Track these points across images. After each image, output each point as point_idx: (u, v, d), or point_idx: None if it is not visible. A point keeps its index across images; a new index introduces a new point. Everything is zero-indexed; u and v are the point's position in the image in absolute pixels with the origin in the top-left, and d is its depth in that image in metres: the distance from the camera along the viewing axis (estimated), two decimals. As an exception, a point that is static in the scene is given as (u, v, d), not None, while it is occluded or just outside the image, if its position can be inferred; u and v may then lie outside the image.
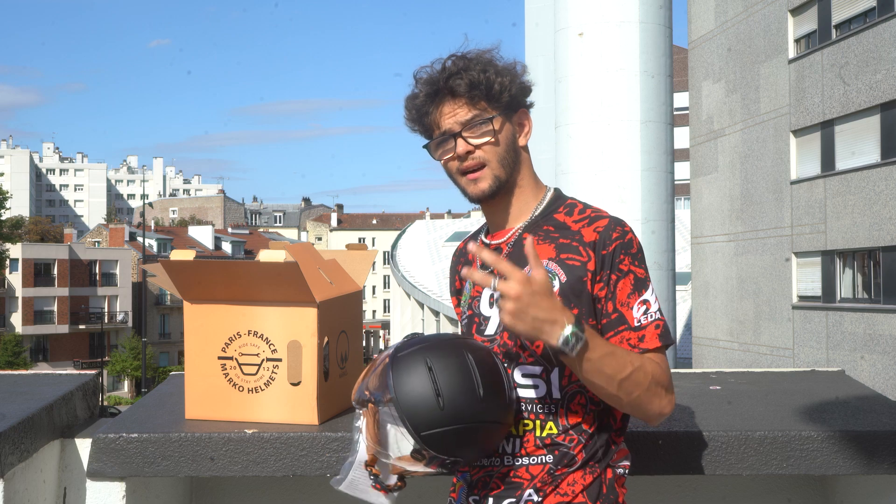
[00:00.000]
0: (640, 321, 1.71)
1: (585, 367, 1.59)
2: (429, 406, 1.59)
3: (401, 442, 1.63)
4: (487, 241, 1.88)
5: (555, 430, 1.73)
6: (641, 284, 1.73)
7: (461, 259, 1.98)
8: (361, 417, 1.71)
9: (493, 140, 1.77)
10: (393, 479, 1.70)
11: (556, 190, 1.88)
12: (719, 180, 21.81)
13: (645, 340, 1.70)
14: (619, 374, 1.61)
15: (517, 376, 1.75)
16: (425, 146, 1.83)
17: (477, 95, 1.76)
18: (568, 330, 1.54)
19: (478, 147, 1.77)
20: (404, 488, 1.72)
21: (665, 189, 8.56)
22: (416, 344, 1.67)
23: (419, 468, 1.65)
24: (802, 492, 2.52)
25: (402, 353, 1.65)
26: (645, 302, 1.72)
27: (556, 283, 1.72)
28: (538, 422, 1.73)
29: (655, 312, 1.72)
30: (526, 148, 1.86)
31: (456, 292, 1.99)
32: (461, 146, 1.77)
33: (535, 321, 1.53)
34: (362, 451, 1.71)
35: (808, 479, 2.51)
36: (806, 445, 2.08)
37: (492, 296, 1.50)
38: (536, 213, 1.83)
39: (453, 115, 1.77)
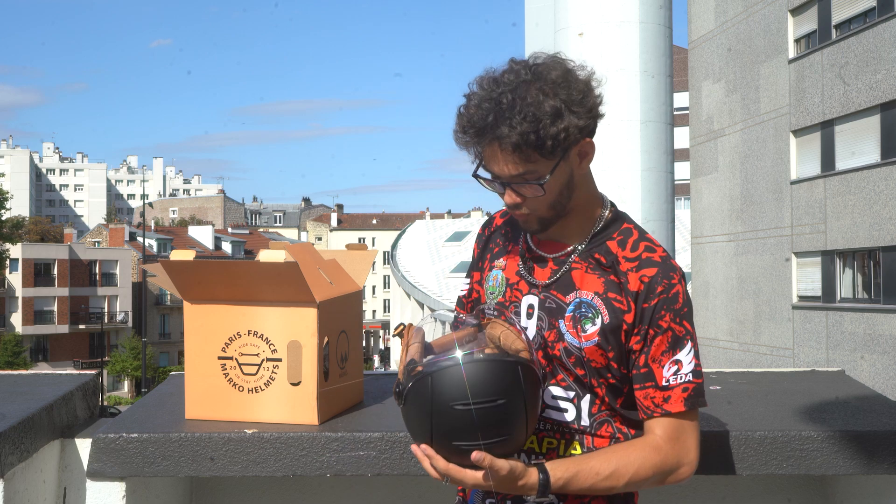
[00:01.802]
0: (668, 381, 1.66)
1: (574, 494, 1.65)
2: (452, 397, 1.53)
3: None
4: (533, 245, 1.79)
5: (578, 451, 1.70)
6: (678, 343, 1.66)
7: (499, 235, 1.88)
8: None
9: (541, 193, 1.65)
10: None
11: (614, 209, 1.77)
12: (719, 180, 21.80)
13: (669, 402, 1.66)
14: (612, 489, 1.65)
15: (547, 397, 1.71)
16: (474, 175, 1.69)
17: (527, 152, 1.59)
18: (531, 499, 1.61)
19: (526, 199, 1.67)
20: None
21: (665, 189, 8.53)
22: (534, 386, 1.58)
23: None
24: (802, 492, 2.52)
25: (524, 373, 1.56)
26: (677, 362, 1.66)
27: (598, 322, 1.67)
28: (563, 442, 1.70)
29: (687, 374, 1.66)
30: (586, 170, 1.73)
31: (478, 269, 1.89)
32: (509, 198, 1.67)
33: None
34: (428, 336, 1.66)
35: (808, 479, 2.51)
36: (806, 445, 2.08)
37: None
38: (590, 237, 1.74)
39: (502, 164, 1.62)
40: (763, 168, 20.10)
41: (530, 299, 1.75)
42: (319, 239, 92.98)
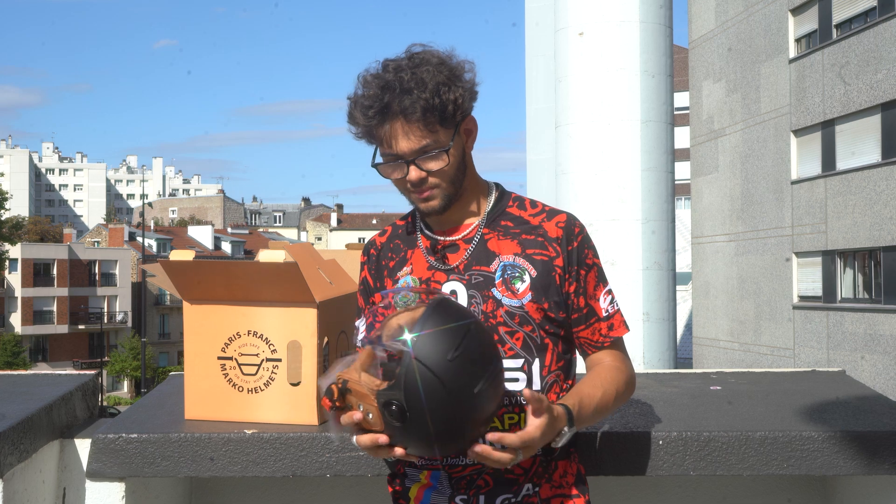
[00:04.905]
0: (607, 311, 1.81)
1: (586, 421, 1.71)
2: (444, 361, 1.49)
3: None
4: (435, 236, 1.83)
5: None
6: (603, 275, 1.83)
7: (388, 250, 1.89)
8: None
9: (446, 162, 1.71)
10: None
11: (498, 185, 1.89)
12: (720, 180, 21.81)
13: (614, 329, 1.81)
14: (606, 410, 1.76)
15: None
16: (374, 165, 1.74)
17: (431, 120, 1.66)
18: (561, 441, 1.63)
19: (431, 173, 1.71)
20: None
21: (665, 189, 8.55)
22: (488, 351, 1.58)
23: (371, 383, 1.51)
24: (803, 492, 2.52)
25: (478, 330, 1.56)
26: (609, 292, 1.83)
27: (527, 278, 1.75)
28: (522, 415, 1.73)
29: (616, 301, 1.84)
30: (471, 149, 1.81)
31: (377, 290, 1.86)
32: (414, 173, 1.70)
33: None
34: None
35: (808, 480, 2.51)
36: (806, 446, 2.08)
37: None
38: (489, 210, 1.82)
39: (406, 139, 1.67)
40: (763, 168, 20.10)
41: (452, 285, 1.78)
42: (319, 239, 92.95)
